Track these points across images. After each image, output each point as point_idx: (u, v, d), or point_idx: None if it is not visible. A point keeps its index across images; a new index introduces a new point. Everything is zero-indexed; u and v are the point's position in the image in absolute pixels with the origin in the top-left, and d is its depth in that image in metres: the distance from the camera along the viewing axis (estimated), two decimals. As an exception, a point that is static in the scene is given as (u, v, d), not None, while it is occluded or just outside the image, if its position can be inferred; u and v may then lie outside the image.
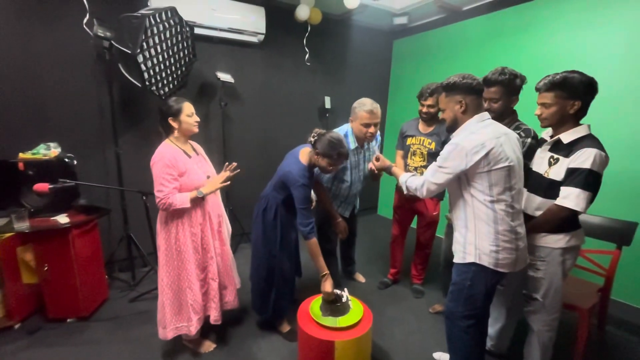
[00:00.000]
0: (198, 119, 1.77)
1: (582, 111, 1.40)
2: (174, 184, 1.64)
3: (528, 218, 1.47)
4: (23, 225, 1.97)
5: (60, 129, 2.43)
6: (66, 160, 2.20)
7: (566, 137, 1.40)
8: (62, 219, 2.09)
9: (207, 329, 1.97)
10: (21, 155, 2.10)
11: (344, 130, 2.19)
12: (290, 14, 3.21)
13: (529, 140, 1.57)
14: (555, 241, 1.44)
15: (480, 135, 1.29)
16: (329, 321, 1.59)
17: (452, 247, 1.48)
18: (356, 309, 1.69)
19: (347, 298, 1.73)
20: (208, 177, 1.82)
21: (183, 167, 1.68)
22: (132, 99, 2.70)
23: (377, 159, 1.84)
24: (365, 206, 4.25)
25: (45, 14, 2.31)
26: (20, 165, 2.05)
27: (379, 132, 2.24)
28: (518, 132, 1.59)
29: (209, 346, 1.93)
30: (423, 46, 3.84)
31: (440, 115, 1.50)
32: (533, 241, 1.48)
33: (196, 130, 1.76)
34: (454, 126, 1.43)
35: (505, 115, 1.66)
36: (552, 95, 1.41)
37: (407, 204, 2.43)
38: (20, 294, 2.10)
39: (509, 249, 1.32)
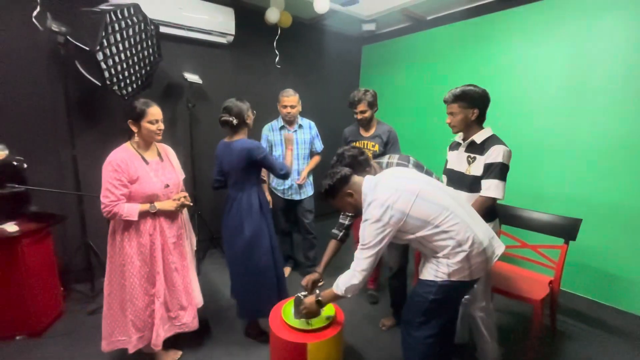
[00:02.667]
0: (161, 127, 1.65)
1: (482, 117, 1.68)
2: (122, 191, 1.54)
3: None
4: (-37, 235, 1.79)
5: (9, 130, 2.24)
6: (15, 163, 2.02)
7: (478, 138, 1.66)
8: (10, 227, 1.92)
9: (174, 336, 1.88)
10: (-39, 158, 1.91)
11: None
12: (260, 16, 3.19)
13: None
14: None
15: (377, 200, 1.30)
16: (301, 324, 1.59)
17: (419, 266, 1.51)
18: (328, 310, 1.70)
19: (319, 300, 1.73)
20: (167, 185, 1.68)
21: (135, 174, 1.57)
22: (91, 99, 2.54)
23: (304, 308, 1.59)
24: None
25: (-10, 4, 2.13)
26: (-40, 169, 1.87)
27: (313, 123, 2.72)
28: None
29: (174, 354, 1.85)
30: (391, 52, 3.97)
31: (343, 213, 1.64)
32: None
33: (158, 138, 1.67)
34: (358, 211, 1.44)
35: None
36: (456, 106, 1.67)
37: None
38: (-40, 311, 1.91)
39: (479, 257, 1.31)
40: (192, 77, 2.89)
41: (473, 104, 1.64)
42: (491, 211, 1.66)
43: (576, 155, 2.51)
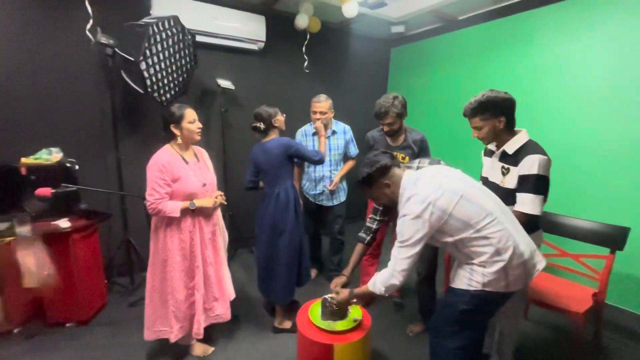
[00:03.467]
0: (200, 126, 1.77)
1: (511, 123, 1.52)
2: (165, 189, 1.65)
3: None
4: (24, 230, 1.98)
5: (63, 134, 2.46)
6: (68, 165, 2.22)
7: (509, 147, 1.51)
8: (63, 223, 2.11)
9: (206, 331, 1.97)
10: (23, 160, 2.13)
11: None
12: (289, 22, 3.27)
13: None
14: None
15: (418, 195, 1.25)
16: (328, 325, 1.61)
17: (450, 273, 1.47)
18: (355, 313, 1.70)
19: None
20: (204, 184, 1.80)
21: (177, 174, 1.68)
22: (134, 105, 2.73)
23: (337, 293, 1.60)
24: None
25: (50, 21, 2.36)
26: (23, 170, 2.08)
27: (349, 127, 2.65)
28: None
29: (206, 349, 1.94)
30: (420, 54, 3.91)
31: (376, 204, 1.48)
32: None
33: (198, 137, 1.78)
34: (394, 205, 1.40)
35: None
36: (478, 119, 1.53)
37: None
38: (21, 298, 2.11)
39: (518, 269, 1.24)
40: (225, 83, 3.02)
41: (497, 112, 1.48)
42: (531, 224, 1.52)
43: (621, 159, 2.32)
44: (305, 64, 3.62)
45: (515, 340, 1.70)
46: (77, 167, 2.26)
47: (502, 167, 1.54)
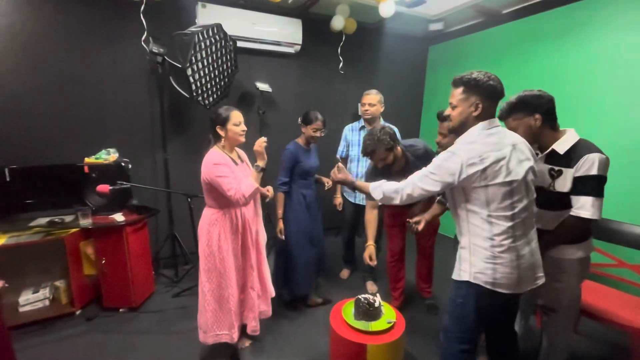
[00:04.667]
0: (245, 128, 1.79)
1: (552, 120, 1.43)
2: (237, 179, 1.68)
3: (541, 233, 1.40)
4: (87, 222, 2.21)
5: (118, 136, 2.70)
6: (122, 164, 2.43)
7: (560, 147, 1.41)
8: (119, 217, 2.31)
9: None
10: (86, 159, 2.37)
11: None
12: (326, 24, 3.31)
13: None
14: (574, 252, 1.43)
15: (480, 146, 1.18)
16: (362, 325, 1.62)
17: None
18: (389, 315, 1.70)
19: (380, 303, 1.74)
20: None
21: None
22: (180, 109, 2.92)
23: (339, 170, 1.65)
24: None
25: (108, 33, 2.59)
26: (86, 169, 2.31)
27: (396, 129, 2.47)
28: None
29: (243, 342, 2.02)
30: (459, 51, 3.77)
31: (447, 111, 1.33)
32: (551, 253, 1.45)
33: (243, 139, 1.80)
34: (460, 129, 1.30)
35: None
36: (511, 120, 1.47)
37: (401, 217, 2.24)
38: (82, 284, 2.35)
39: (508, 269, 1.20)
40: (263, 86, 3.12)
41: (530, 110, 1.41)
42: (587, 231, 1.44)
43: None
44: (341, 65, 3.64)
45: (564, 358, 1.59)
46: (130, 166, 2.46)
47: (551, 169, 1.43)
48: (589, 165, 1.32)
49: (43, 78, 2.43)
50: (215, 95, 2.71)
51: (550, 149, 1.44)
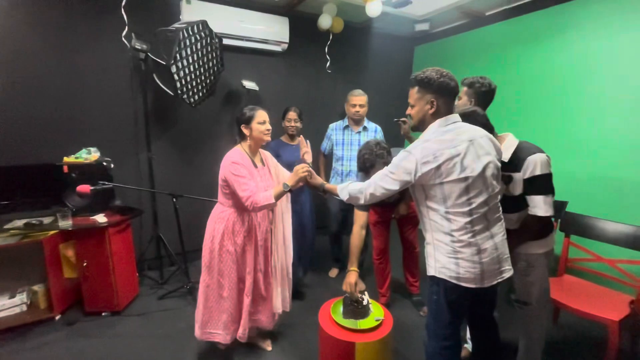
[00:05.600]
0: (270, 127, 1.75)
1: (490, 131, 1.43)
2: (254, 182, 1.65)
3: (509, 232, 1.43)
4: (66, 224, 2.13)
5: (99, 135, 2.61)
6: (104, 163, 2.36)
7: (504, 155, 1.43)
8: (100, 218, 2.24)
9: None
10: (65, 159, 2.28)
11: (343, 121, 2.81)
12: (313, 23, 3.30)
13: None
14: (540, 247, 1.50)
15: (434, 144, 1.20)
16: (350, 323, 1.63)
17: None
18: (377, 313, 1.71)
19: (368, 301, 1.75)
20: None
21: (249, 173, 1.68)
22: (164, 107, 2.86)
23: (310, 175, 1.65)
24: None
25: (88, 28, 2.50)
26: (65, 169, 2.23)
27: (380, 128, 2.79)
28: None
29: (266, 343, 2.01)
30: (445, 52, 3.83)
31: (407, 110, 1.36)
32: (520, 250, 1.51)
33: (268, 138, 1.76)
34: (420, 127, 1.33)
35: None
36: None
37: (387, 214, 2.31)
38: (61, 287, 2.27)
39: (470, 263, 1.21)
40: (250, 85, 3.09)
41: (470, 122, 1.38)
42: (547, 226, 1.52)
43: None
44: (328, 64, 3.64)
45: (542, 347, 1.65)
46: (112, 165, 2.39)
47: (503, 175, 1.45)
48: (532, 166, 1.39)
49: (19, 74, 2.33)
50: (201, 94, 2.66)
51: None
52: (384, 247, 2.38)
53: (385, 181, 1.30)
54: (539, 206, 1.42)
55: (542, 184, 1.40)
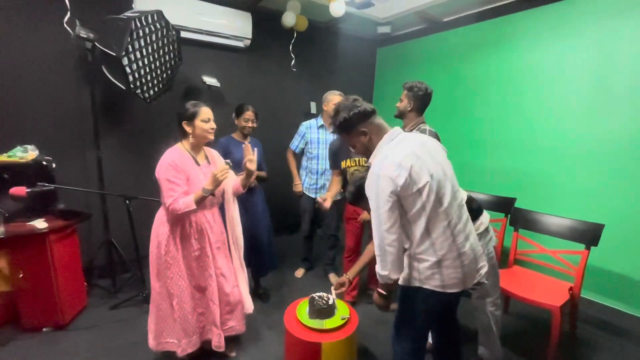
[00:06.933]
0: (214, 126, 1.68)
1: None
2: (183, 188, 1.57)
3: None
4: (-3, 231, 1.89)
5: (38, 131, 2.36)
6: (44, 163, 2.13)
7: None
8: (40, 224, 2.02)
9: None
10: (-4, 158, 2.03)
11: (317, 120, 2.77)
12: (276, 20, 3.24)
13: None
14: (478, 226, 1.59)
15: (395, 157, 1.17)
16: (316, 323, 1.62)
17: None
18: (342, 311, 1.72)
19: (334, 300, 1.75)
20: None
21: (188, 174, 1.61)
22: (115, 102, 2.65)
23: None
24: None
25: (24, 11, 2.25)
26: (-5, 169, 1.98)
27: None
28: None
29: (231, 349, 1.91)
30: (405, 55, 3.97)
31: (353, 150, 1.37)
32: None
33: (211, 137, 1.69)
34: (369, 154, 1.31)
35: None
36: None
37: (358, 212, 2.32)
38: (-8, 302, 2.01)
39: (452, 269, 1.21)
40: (211, 80, 2.97)
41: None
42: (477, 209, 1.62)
43: (598, 158, 2.43)
44: (292, 62, 3.60)
45: (499, 332, 1.78)
46: (54, 165, 2.17)
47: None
48: None
49: None
50: (156, 88, 2.50)
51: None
52: (354, 245, 2.40)
53: (385, 220, 1.18)
54: None
55: None
